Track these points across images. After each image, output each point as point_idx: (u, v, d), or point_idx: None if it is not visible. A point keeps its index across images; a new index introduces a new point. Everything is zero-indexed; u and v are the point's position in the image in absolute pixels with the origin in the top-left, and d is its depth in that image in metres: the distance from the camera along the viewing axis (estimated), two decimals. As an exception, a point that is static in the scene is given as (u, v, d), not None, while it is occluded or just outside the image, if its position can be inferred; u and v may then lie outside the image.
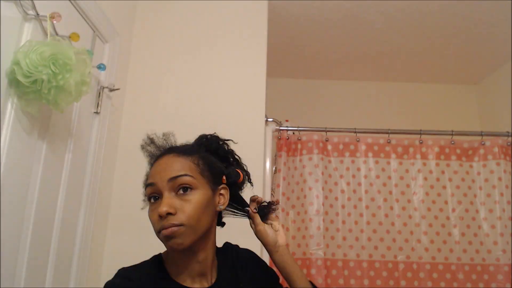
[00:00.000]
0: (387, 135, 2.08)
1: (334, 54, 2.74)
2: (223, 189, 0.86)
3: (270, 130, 2.00)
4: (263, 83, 1.97)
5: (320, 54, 2.74)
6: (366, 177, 2.03)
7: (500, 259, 1.88)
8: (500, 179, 1.97)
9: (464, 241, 1.94)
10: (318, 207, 1.95)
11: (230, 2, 2.06)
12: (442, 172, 2.03)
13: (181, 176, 0.78)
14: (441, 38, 2.47)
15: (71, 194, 1.41)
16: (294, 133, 2.11)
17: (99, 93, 1.60)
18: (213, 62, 1.99)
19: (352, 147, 2.08)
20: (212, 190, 0.82)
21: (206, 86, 1.96)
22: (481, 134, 2.06)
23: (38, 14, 1.13)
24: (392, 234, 1.96)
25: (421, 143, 2.07)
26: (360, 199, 2.01)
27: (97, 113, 1.59)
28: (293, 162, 2.07)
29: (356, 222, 1.97)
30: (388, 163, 2.05)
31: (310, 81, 3.12)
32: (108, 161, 1.72)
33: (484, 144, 2.04)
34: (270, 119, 2.02)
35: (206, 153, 0.88)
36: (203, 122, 1.90)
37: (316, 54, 2.75)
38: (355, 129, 2.07)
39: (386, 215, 1.98)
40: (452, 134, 2.06)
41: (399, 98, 3.07)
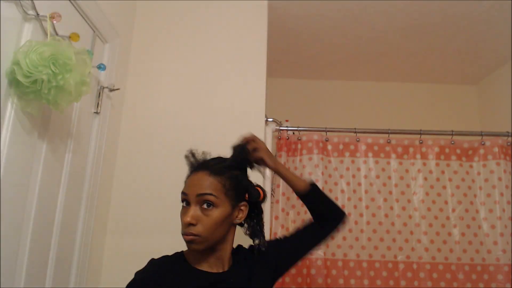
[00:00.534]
0: (387, 135, 2.08)
1: (334, 54, 2.73)
2: (243, 205, 1.03)
3: (270, 130, 2.00)
4: (263, 83, 1.97)
5: (320, 54, 2.74)
6: (366, 177, 2.03)
7: (500, 259, 1.88)
8: (500, 179, 1.97)
9: (464, 241, 1.93)
10: (318, 207, 1.95)
11: (230, 2, 2.06)
12: (442, 172, 2.03)
13: (206, 194, 0.95)
14: (441, 38, 2.47)
15: (71, 194, 1.41)
16: (294, 133, 2.11)
17: (99, 93, 1.60)
18: (213, 62, 1.99)
19: (352, 147, 2.08)
20: (232, 206, 0.99)
21: (206, 86, 1.96)
22: (481, 134, 2.06)
23: (38, 14, 1.13)
24: (392, 234, 1.96)
25: (421, 143, 2.07)
26: (360, 199, 2.00)
27: (97, 113, 1.59)
28: (293, 162, 2.07)
29: (356, 222, 1.97)
30: (388, 163, 2.05)
31: (310, 81, 3.12)
32: (108, 161, 1.72)
33: (484, 144, 2.04)
34: (270, 119, 2.02)
35: (236, 170, 1.04)
36: (203, 122, 1.91)
37: (316, 54, 2.75)
38: (355, 129, 2.07)
39: (386, 215, 1.98)
40: (452, 134, 2.06)
41: (399, 98, 3.07)
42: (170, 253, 1.05)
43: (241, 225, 1.10)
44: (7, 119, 1.05)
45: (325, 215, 1.17)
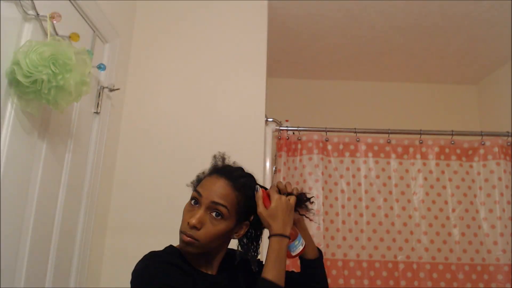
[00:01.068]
0: (387, 135, 2.08)
1: (334, 54, 2.74)
2: (246, 224, 1.03)
3: (270, 130, 2.00)
4: (263, 83, 1.97)
5: (320, 54, 2.74)
6: (366, 177, 2.03)
7: (500, 259, 1.88)
8: (500, 179, 1.97)
9: (464, 241, 1.93)
10: (318, 207, 1.95)
11: (230, 2, 2.06)
12: (442, 172, 2.03)
13: (221, 205, 0.94)
14: (441, 38, 2.47)
15: (71, 194, 1.41)
16: (294, 133, 2.11)
17: (99, 93, 1.60)
18: (213, 61, 1.99)
19: (352, 147, 2.08)
20: (237, 221, 0.99)
21: (206, 86, 1.96)
22: (481, 134, 2.06)
23: (38, 14, 1.13)
24: (392, 234, 1.96)
25: (421, 143, 2.07)
26: (360, 199, 2.01)
27: (97, 113, 1.59)
28: (293, 162, 2.07)
29: (356, 222, 1.98)
30: (388, 163, 2.05)
31: (310, 81, 3.12)
32: (108, 161, 1.72)
33: (484, 144, 2.04)
34: (270, 119, 2.02)
35: (251, 192, 1.01)
36: (203, 122, 1.91)
37: (316, 54, 2.75)
38: (355, 129, 2.07)
39: (386, 215, 1.98)
40: (452, 134, 2.06)
41: (399, 98, 3.07)
42: None
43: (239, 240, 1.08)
44: (7, 119, 1.06)
45: (319, 284, 1.13)
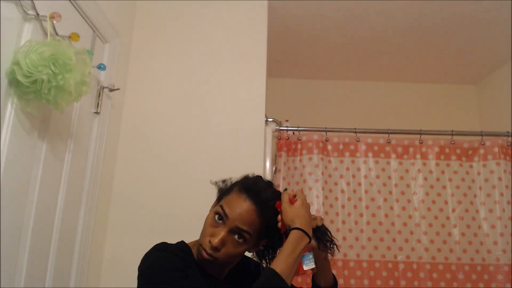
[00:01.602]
0: (387, 135, 2.08)
1: (334, 54, 2.73)
2: (264, 242, 1.04)
3: (270, 130, 2.00)
4: (263, 83, 1.97)
5: (320, 54, 2.74)
6: (366, 177, 2.03)
7: (500, 259, 1.87)
8: (500, 179, 1.97)
9: (464, 241, 1.93)
10: (318, 207, 1.95)
11: (230, 2, 2.06)
12: (442, 172, 2.03)
13: (245, 231, 0.95)
14: (441, 38, 2.47)
15: (71, 194, 1.41)
16: (294, 133, 2.11)
17: (99, 93, 1.60)
18: (213, 62, 1.99)
19: (352, 147, 2.08)
20: (257, 241, 1.01)
21: (206, 85, 1.96)
22: (481, 134, 2.06)
23: (38, 14, 1.13)
24: (392, 234, 1.96)
25: (421, 143, 2.07)
26: (360, 199, 2.00)
27: (97, 113, 1.59)
28: (293, 162, 2.07)
29: (356, 222, 1.97)
30: (388, 163, 2.05)
31: (310, 81, 3.12)
32: (108, 161, 1.72)
33: (484, 144, 2.04)
34: (270, 119, 2.02)
35: (275, 211, 1.00)
36: (203, 122, 1.91)
37: (316, 54, 2.74)
38: (355, 129, 2.07)
39: (386, 215, 1.98)
40: (452, 134, 2.06)
41: (399, 98, 3.07)
42: None
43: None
44: (7, 119, 1.06)
45: None
